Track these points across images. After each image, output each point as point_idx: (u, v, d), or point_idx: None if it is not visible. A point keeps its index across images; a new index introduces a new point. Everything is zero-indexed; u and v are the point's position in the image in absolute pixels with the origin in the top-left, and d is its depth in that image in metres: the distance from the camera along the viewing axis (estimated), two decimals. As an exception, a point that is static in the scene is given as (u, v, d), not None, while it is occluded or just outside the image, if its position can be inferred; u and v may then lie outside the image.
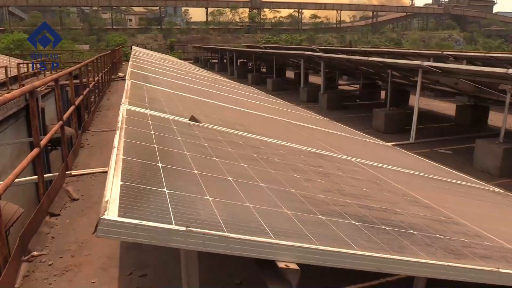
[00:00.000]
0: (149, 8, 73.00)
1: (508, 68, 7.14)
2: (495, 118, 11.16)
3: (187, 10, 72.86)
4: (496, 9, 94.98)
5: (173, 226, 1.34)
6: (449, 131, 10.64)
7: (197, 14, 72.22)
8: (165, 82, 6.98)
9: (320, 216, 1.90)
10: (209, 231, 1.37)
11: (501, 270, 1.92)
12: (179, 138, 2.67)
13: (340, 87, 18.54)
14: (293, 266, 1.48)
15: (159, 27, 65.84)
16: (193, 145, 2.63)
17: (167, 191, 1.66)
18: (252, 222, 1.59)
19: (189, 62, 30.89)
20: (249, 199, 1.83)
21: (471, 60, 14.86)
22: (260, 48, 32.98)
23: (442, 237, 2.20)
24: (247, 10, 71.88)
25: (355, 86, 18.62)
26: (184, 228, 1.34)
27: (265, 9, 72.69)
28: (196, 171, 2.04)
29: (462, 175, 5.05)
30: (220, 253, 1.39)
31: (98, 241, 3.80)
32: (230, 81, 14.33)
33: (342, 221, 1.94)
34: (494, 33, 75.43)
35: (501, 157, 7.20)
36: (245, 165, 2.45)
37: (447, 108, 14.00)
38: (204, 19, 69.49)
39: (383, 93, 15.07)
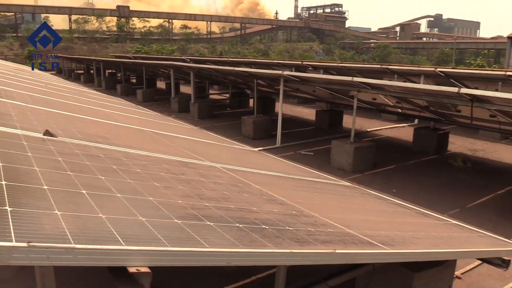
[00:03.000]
0: (2, 13, 65.64)
1: (354, 76, 8.11)
2: (348, 121, 12.47)
3: (48, 17, 67.17)
4: (348, 24, 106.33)
5: (13, 243, 1.31)
6: (310, 134, 11.59)
7: (58, 21, 66.87)
8: (19, 95, 6.41)
9: (176, 220, 1.99)
10: (53, 244, 1.37)
11: (337, 251, 2.22)
12: (29, 154, 2.53)
13: (211, 96, 18.90)
14: (145, 269, 1.55)
15: (15, 34, 59.60)
16: (46, 160, 2.52)
17: (9, 209, 1.59)
18: (104, 232, 1.61)
19: (51, 73, 28.59)
20: (103, 210, 1.84)
21: (327, 70, 16.40)
22: (129, 58, 31.93)
23: (290, 228, 2.45)
24: (115, 18, 68.99)
25: (225, 95, 19.17)
26: (25, 244, 1.31)
27: (134, 18, 70.60)
28: (45, 187, 1.98)
29: (318, 173, 5.59)
30: (68, 265, 1.40)
31: None
32: (96, 92, 13.68)
33: (197, 223, 2.05)
34: (348, 45, 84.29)
35: (352, 155, 8.09)
36: (103, 177, 2.43)
37: (309, 113, 15.21)
38: (67, 27, 64.73)
39: (251, 101, 15.77)
